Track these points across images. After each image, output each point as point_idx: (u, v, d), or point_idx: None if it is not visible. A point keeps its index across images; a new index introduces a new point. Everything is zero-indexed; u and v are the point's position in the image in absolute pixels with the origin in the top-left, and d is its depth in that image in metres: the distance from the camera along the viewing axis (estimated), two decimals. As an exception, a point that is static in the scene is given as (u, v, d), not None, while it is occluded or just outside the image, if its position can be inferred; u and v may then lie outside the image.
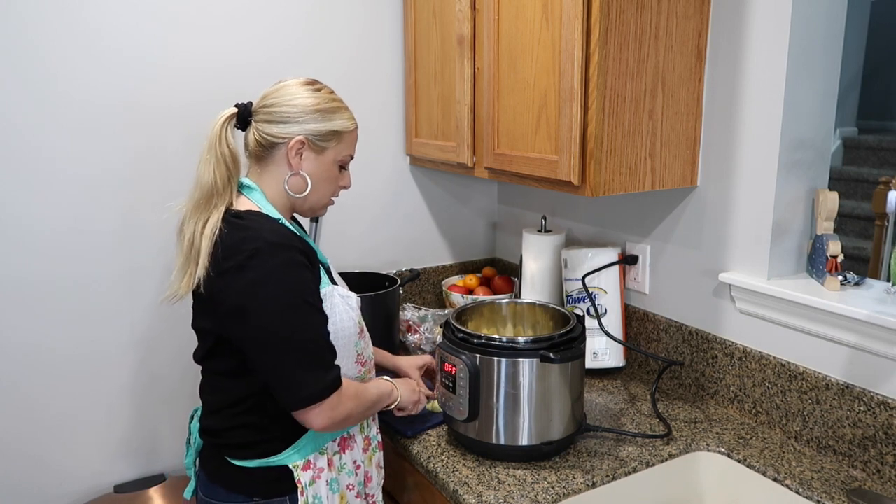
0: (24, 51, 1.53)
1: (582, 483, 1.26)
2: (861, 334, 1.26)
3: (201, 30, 1.72)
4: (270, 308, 1.10)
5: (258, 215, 1.17)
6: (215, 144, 1.18)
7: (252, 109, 1.23)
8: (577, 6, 1.32)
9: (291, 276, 1.11)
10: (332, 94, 1.26)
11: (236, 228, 1.13)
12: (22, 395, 1.62)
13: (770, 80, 1.37)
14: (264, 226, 1.14)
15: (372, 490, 1.35)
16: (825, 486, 1.24)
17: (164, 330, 1.77)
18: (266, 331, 1.10)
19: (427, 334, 1.87)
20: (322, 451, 1.23)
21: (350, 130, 1.26)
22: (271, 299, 1.10)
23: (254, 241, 1.10)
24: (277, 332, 1.10)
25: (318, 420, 1.13)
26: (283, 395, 1.12)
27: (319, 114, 1.21)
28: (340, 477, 1.26)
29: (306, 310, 1.13)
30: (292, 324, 1.11)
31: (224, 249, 1.11)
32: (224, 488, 1.21)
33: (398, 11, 1.99)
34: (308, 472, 1.20)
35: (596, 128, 1.36)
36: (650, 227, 1.70)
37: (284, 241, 1.13)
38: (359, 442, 1.30)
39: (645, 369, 1.75)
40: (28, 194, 1.57)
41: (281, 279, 1.10)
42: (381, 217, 2.09)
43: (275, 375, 1.12)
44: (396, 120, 2.06)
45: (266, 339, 1.11)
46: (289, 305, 1.11)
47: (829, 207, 1.39)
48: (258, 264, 1.09)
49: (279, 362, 1.11)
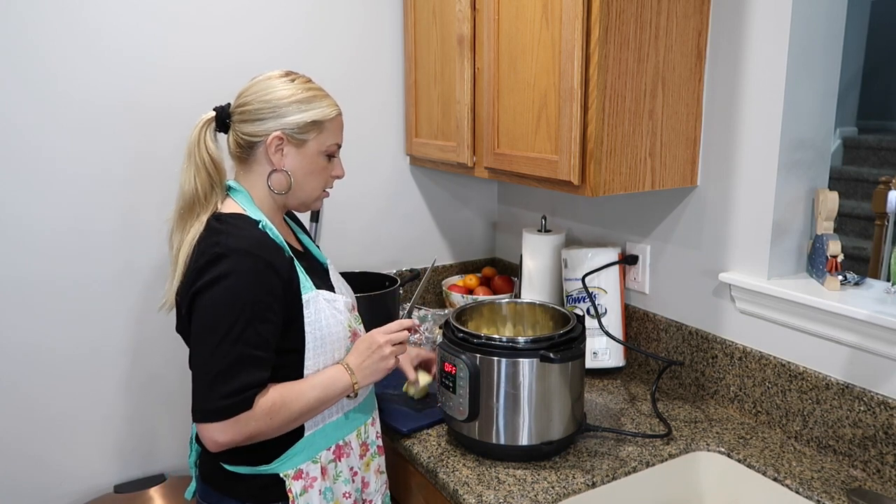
0: (24, 51, 1.53)
1: (582, 483, 1.26)
2: (861, 334, 1.26)
3: (201, 30, 1.72)
4: (209, 311, 1.07)
5: (239, 218, 1.14)
6: (194, 151, 1.15)
7: (230, 111, 1.20)
8: (577, 6, 1.32)
9: (242, 283, 1.07)
10: (309, 83, 1.21)
11: (213, 232, 1.12)
12: (22, 395, 1.62)
13: (770, 80, 1.37)
14: (239, 231, 1.11)
15: (370, 496, 1.32)
16: (825, 486, 1.24)
17: (163, 330, 1.77)
18: (200, 332, 1.08)
19: (427, 334, 1.87)
20: (315, 460, 1.20)
21: (331, 118, 1.20)
22: (212, 302, 1.07)
23: (219, 245, 1.08)
24: (209, 335, 1.07)
25: (217, 436, 1.06)
26: (193, 401, 1.08)
27: (295, 105, 1.16)
28: (336, 486, 1.23)
29: (247, 321, 1.07)
30: (225, 331, 1.06)
31: (195, 253, 1.11)
32: (217, 492, 1.19)
33: (398, 11, 1.99)
34: (299, 481, 1.17)
35: (596, 128, 1.36)
36: (650, 227, 1.70)
37: (250, 247, 1.09)
38: (355, 448, 1.27)
39: (645, 369, 1.75)
40: (28, 194, 1.57)
41: (230, 284, 1.07)
42: (381, 217, 2.09)
43: (193, 380, 1.08)
44: (396, 120, 2.06)
45: (197, 339, 1.08)
46: (228, 312, 1.06)
47: (829, 207, 1.39)
48: (215, 269, 1.07)
49: (199, 367, 1.08)
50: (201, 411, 1.07)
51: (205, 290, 1.07)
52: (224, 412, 1.06)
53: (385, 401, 1.57)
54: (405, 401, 1.57)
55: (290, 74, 1.21)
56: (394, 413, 1.51)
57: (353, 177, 1.99)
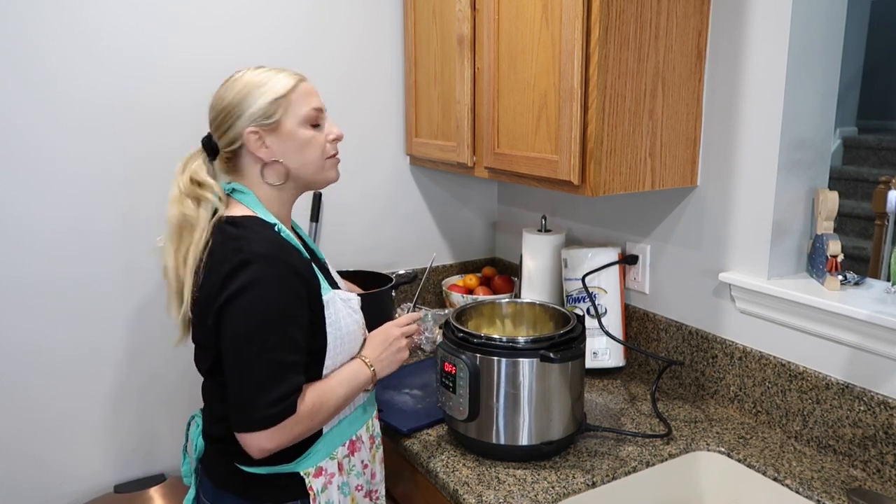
0: (24, 51, 1.53)
1: (582, 483, 1.26)
2: (861, 334, 1.26)
3: (201, 30, 1.72)
4: (244, 320, 1.06)
5: (254, 221, 1.14)
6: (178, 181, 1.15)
7: (210, 134, 1.19)
8: (577, 6, 1.32)
9: (273, 290, 1.07)
10: (258, 69, 1.18)
11: (230, 237, 1.11)
12: (22, 395, 1.62)
13: (770, 80, 1.37)
14: (258, 235, 1.11)
15: (376, 486, 1.34)
16: (825, 486, 1.24)
17: (163, 330, 1.77)
18: (235, 342, 1.07)
19: (427, 334, 1.87)
20: (332, 457, 1.21)
21: (291, 88, 1.16)
22: (247, 311, 1.06)
23: (244, 251, 1.07)
24: (246, 345, 1.06)
25: (265, 443, 1.07)
26: (235, 412, 1.08)
27: (249, 96, 1.14)
28: (350, 479, 1.25)
29: (282, 327, 1.08)
30: (262, 340, 1.06)
31: (217, 259, 1.09)
32: (234, 494, 1.18)
33: (398, 11, 1.99)
34: (320, 478, 1.18)
35: (596, 127, 1.36)
36: (650, 226, 1.70)
37: (276, 253, 1.09)
38: (365, 442, 1.29)
39: (645, 369, 1.75)
40: (28, 194, 1.57)
41: (262, 293, 1.06)
42: (381, 217, 2.09)
43: (233, 391, 1.08)
44: (396, 120, 2.06)
45: (234, 350, 1.07)
46: (264, 321, 1.06)
47: (829, 207, 1.39)
48: (243, 275, 1.06)
49: (240, 377, 1.07)
50: (249, 421, 1.06)
51: (235, 298, 1.06)
52: (272, 420, 1.06)
53: (385, 400, 1.57)
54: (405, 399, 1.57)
55: (238, 71, 1.19)
56: (394, 413, 1.51)
57: (353, 177, 1.99)
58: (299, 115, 1.17)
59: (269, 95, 1.15)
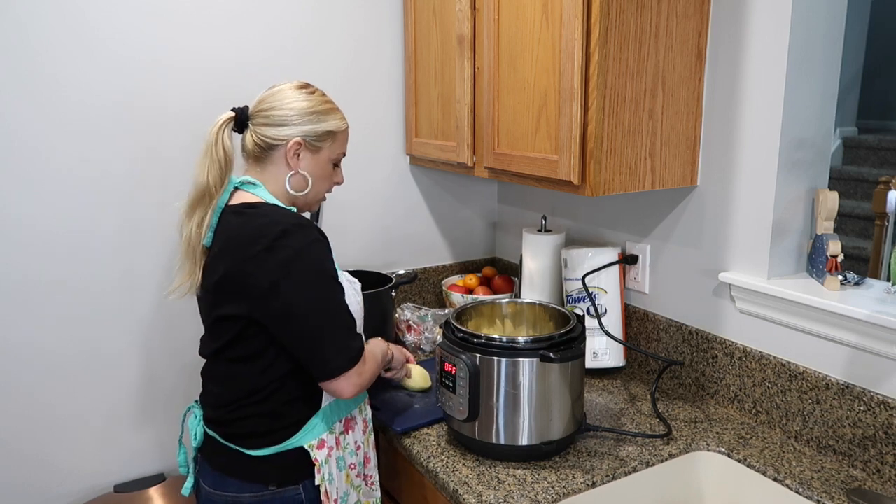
0: (24, 51, 1.53)
1: (582, 483, 1.26)
2: (861, 334, 1.26)
3: (201, 30, 1.72)
4: (303, 282, 1.16)
5: (269, 205, 1.23)
6: (212, 147, 1.23)
7: (249, 113, 1.28)
8: (577, 6, 1.32)
9: (318, 253, 1.19)
10: (325, 97, 1.31)
11: (253, 217, 1.20)
12: (22, 395, 1.62)
13: (770, 79, 1.37)
14: (282, 211, 1.21)
15: (370, 471, 1.40)
16: (825, 486, 1.24)
17: (163, 330, 1.77)
18: (300, 304, 1.16)
19: (427, 334, 1.87)
20: (331, 431, 1.29)
21: (342, 130, 1.32)
22: (303, 273, 1.16)
23: (278, 224, 1.17)
24: (311, 304, 1.17)
25: (348, 388, 1.20)
26: (315, 366, 1.19)
27: (314, 116, 1.27)
28: (345, 455, 1.32)
29: (334, 284, 1.21)
30: (323, 296, 1.19)
31: (248, 235, 1.17)
32: (238, 480, 1.24)
33: (398, 11, 1.99)
34: (322, 450, 1.26)
35: (596, 127, 1.36)
36: (650, 226, 1.70)
37: (305, 221, 1.20)
38: (359, 423, 1.36)
39: (645, 369, 1.75)
40: (28, 195, 1.57)
41: (310, 255, 1.18)
42: (381, 216, 2.09)
43: (308, 347, 1.18)
44: (396, 120, 2.06)
45: (300, 312, 1.17)
46: (319, 279, 1.18)
47: (829, 207, 1.39)
48: (287, 243, 1.16)
49: (312, 334, 1.18)
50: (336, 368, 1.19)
51: (293, 262, 1.16)
52: (352, 361, 1.21)
53: (384, 399, 1.57)
54: (404, 399, 1.57)
55: (309, 87, 1.30)
56: (391, 412, 1.51)
57: (354, 176, 1.99)
58: (335, 153, 1.33)
59: (328, 126, 1.29)
